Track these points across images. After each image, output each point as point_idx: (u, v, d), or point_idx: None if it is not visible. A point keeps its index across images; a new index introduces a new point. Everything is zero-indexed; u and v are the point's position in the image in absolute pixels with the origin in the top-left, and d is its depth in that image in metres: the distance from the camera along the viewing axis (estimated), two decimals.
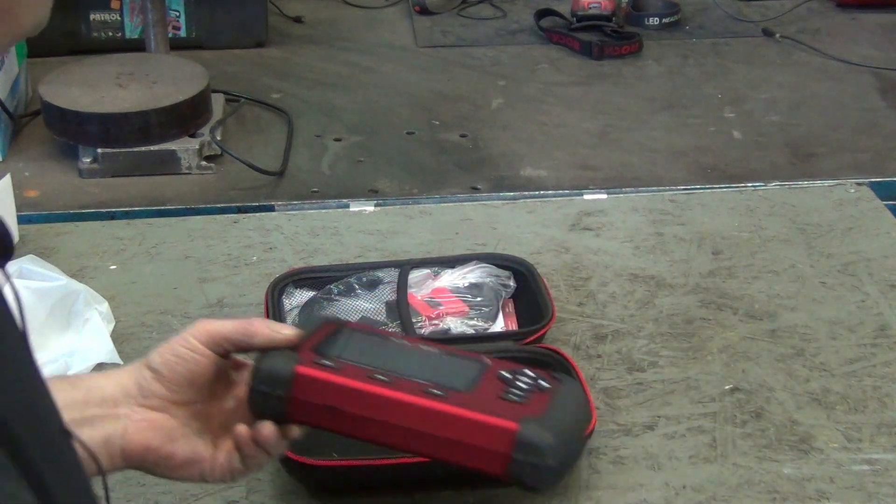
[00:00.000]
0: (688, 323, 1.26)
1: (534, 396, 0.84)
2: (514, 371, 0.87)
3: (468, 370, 0.87)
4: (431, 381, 0.83)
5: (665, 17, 2.29)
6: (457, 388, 0.83)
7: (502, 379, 0.86)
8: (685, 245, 1.41)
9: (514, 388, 0.85)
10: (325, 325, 0.90)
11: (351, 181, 1.72)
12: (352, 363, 0.85)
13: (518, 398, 0.83)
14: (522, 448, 0.79)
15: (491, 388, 0.84)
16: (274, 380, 0.84)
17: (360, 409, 0.82)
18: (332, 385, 0.83)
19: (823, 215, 1.47)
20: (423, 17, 2.34)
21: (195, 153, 1.72)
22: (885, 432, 1.10)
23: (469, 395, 0.83)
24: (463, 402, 0.81)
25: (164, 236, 1.44)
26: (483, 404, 0.82)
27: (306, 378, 0.83)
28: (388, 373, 0.84)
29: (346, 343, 0.88)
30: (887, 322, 1.26)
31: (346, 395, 0.82)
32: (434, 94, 2.02)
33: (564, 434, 0.82)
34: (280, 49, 2.20)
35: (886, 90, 2.02)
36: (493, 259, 1.29)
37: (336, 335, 0.89)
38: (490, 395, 0.83)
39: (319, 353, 0.85)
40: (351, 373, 0.83)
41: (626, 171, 1.75)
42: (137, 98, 1.73)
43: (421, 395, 0.82)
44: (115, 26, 2.11)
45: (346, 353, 0.86)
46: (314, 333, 0.88)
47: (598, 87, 2.05)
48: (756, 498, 1.02)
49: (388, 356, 0.87)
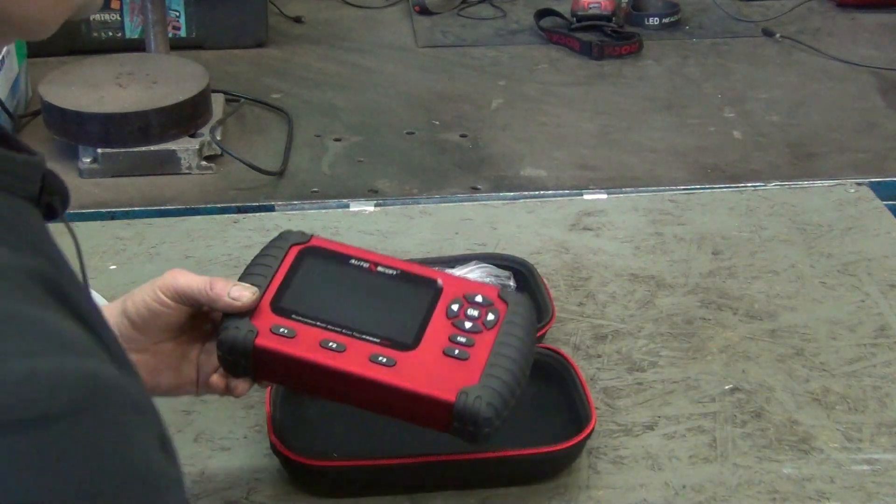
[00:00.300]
0: (688, 323, 1.26)
1: (478, 340, 0.92)
2: (464, 300, 0.95)
3: (419, 307, 0.94)
4: (381, 339, 0.91)
5: (665, 17, 2.29)
6: (405, 345, 0.91)
7: (451, 316, 0.94)
8: (685, 245, 1.41)
9: (460, 330, 0.93)
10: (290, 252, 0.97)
11: (351, 181, 1.72)
12: (308, 323, 0.92)
13: (460, 352, 0.91)
14: (460, 418, 0.89)
15: (437, 339, 0.92)
16: (235, 351, 0.91)
17: (315, 379, 0.91)
18: (288, 358, 0.91)
19: (823, 215, 1.48)
20: (423, 17, 2.34)
21: (195, 153, 1.72)
22: (885, 432, 1.10)
23: (415, 357, 0.91)
24: (407, 372, 0.90)
25: (164, 236, 1.44)
26: (426, 369, 0.90)
27: (264, 350, 0.91)
28: (341, 331, 0.91)
29: (307, 286, 0.95)
30: (887, 322, 1.26)
31: (300, 366, 0.91)
32: (434, 94, 2.02)
33: (502, 394, 0.90)
34: (280, 49, 2.20)
35: (886, 90, 2.02)
36: (493, 259, 1.29)
37: (297, 269, 0.96)
38: (434, 352, 0.91)
39: (278, 313, 0.92)
40: (305, 341, 0.91)
41: (625, 171, 1.75)
42: (137, 98, 1.73)
43: (368, 367, 0.90)
44: (115, 26, 2.11)
45: (303, 306, 0.93)
46: (277, 271, 0.95)
47: (598, 87, 2.05)
48: (756, 498, 1.02)
49: (344, 301, 0.94)
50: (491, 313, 0.95)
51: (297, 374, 0.92)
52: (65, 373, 0.49)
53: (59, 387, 0.49)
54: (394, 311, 0.95)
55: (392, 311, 0.95)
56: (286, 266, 0.96)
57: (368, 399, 0.92)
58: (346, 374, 0.90)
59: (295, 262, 0.97)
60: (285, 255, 0.97)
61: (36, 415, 0.47)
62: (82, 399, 0.49)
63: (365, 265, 0.97)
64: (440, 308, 0.95)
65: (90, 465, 0.48)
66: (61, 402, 0.48)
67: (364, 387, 0.90)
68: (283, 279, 0.95)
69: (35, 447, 0.47)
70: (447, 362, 0.91)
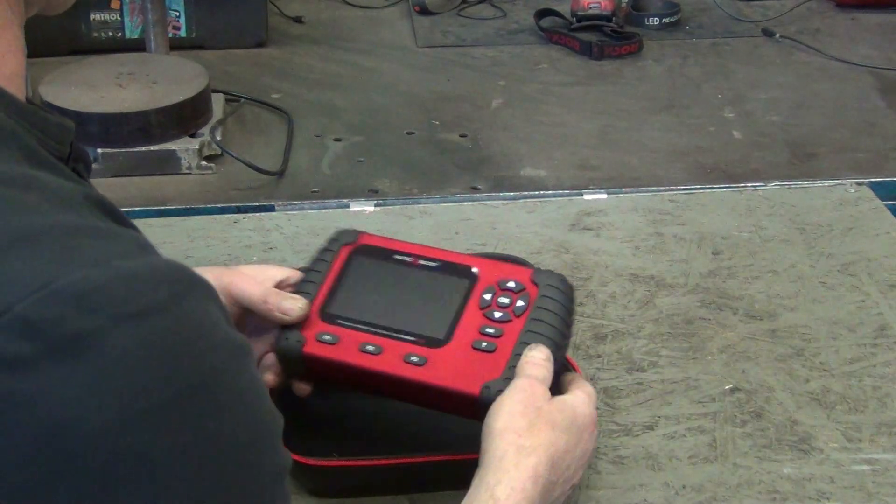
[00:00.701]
0: (688, 323, 1.26)
1: (506, 330, 0.97)
2: (496, 287, 1.01)
3: (454, 300, 1.00)
4: (416, 337, 0.98)
5: (665, 17, 2.29)
6: (437, 340, 0.98)
7: (483, 306, 1.00)
8: (685, 245, 1.41)
9: (490, 320, 0.98)
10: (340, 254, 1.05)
11: (351, 181, 1.72)
12: (350, 327, 1.00)
13: (488, 344, 0.97)
14: (484, 408, 0.92)
15: (467, 332, 0.98)
16: (288, 359, 1.01)
17: (358, 380, 1.00)
18: (333, 362, 0.99)
19: (823, 215, 1.47)
20: (423, 17, 2.34)
21: (195, 153, 1.72)
22: (885, 432, 1.10)
23: (445, 352, 0.97)
24: (437, 368, 0.96)
25: (164, 236, 1.44)
26: (454, 364, 0.96)
27: (311, 357, 1.00)
28: (379, 333, 0.99)
29: (352, 289, 1.03)
30: (887, 322, 1.26)
31: (344, 369, 0.99)
32: (434, 94, 2.02)
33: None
34: (280, 49, 2.20)
35: (886, 90, 2.02)
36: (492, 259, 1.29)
37: (345, 272, 1.04)
38: (464, 347, 0.97)
39: (325, 320, 1.01)
40: (346, 346, 0.99)
41: (625, 171, 1.75)
42: (137, 98, 1.73)
43: (402, 367, 0.97)
44: (115, 26, 2.11)
45: (347, 310, 1.01)
46: (327, 276, 1.03)
47: (598, 87, 2.06)
48: (756, 498, 1.02)
49: (384, 300, 1.02)
50: (521, 300, 0.99)
51: (343, 375, 1.00)
52: (159, 268, 0.57)
53: (159, 281, 0.57)
54: (430, 306, 1.01)
55: (428, 305, 1.01)
56: (335, 270, 1.04)
57: (407, 395, 0.99)
58: (382, 374, 0.97)
59: (344, 265, 1.05)
60: (335, 257, 1.05)
61: (143, 307, 0.55)
62: (180, 290, 0.57)
63: (408, 259, 1.05)
64: (473, 298, 1.01)
65: (195, 348, 0.57)
66: (163, 294, 0.56)
67: (399, 385, 0.98)
68: (331, 284, 1.03)
69: (146, 336, 0.54)
70: (475, 356, 0.97)
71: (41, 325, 0.53)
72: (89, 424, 0.53)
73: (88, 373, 0.53)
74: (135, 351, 0.54)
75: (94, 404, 0.53)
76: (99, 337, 0.53)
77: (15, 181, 0.59)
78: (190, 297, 0.58)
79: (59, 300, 0.53)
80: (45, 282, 0.54)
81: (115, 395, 0.54)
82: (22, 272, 0.54)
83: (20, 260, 0.54)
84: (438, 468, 1.02)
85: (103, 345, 0.53)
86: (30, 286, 0.53)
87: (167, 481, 0.55)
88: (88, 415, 0.53)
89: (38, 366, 0.53)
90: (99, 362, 0.53)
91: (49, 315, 0.53)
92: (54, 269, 0.54)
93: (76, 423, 0.53)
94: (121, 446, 0.54)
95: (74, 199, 0.60)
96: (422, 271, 1.04)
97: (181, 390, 0.55)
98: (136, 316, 0.54)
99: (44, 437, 0.53)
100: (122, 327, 0.54)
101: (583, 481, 1.03)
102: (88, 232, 0.58)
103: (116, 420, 0.54)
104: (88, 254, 0.56)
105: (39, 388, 0.53)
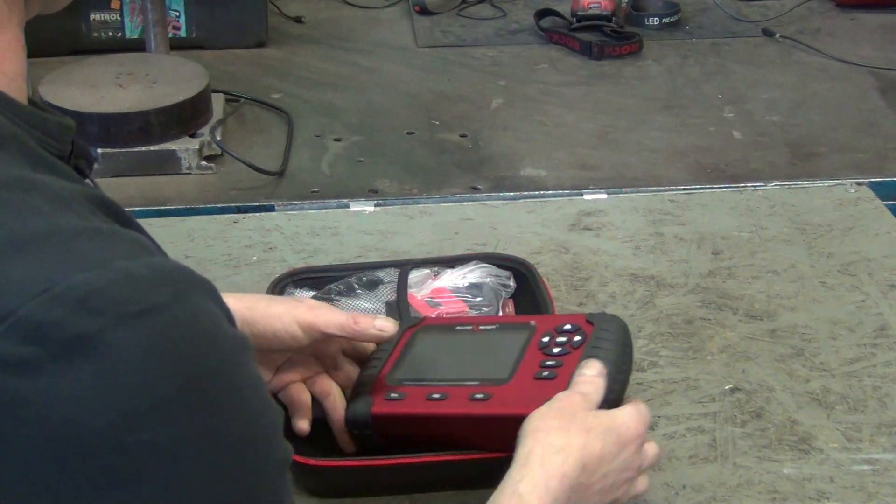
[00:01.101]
0: (688, 323, 1.26)
1: (565, 362, 0.99)
2: (553, 331, 1.03)
3: (514, 347, 1.03)
4: (480, 381, 1.00)
5: (665, 17, 2.29)
6: (500, 379, 1.00)
7: (541, 347, 1.02)
8: (685, 245, 1.41)
9: (549, 356, 1.00)
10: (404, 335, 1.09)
11: (351, 181, 1.72)
12: (415, 385, 1.02)
13: (549, 373, 0.98)
14: None
15: (529, 368, 1.00)
16: (359, 423, 1.02)
17: (427, 428, 1.01)
18: (400, 416, 1.01)
19: (823, 215, 1.47)
20: (423, 17, 2.34)
21: (195, 153, 1.72)
22: (885, 432, 1.10)
23: (508, 388, 0.99)
24: (500, 401, 0.98)
25: (164, 236, 1.43)
26: (517, 395, 0.97)
27: (380, 416, 1.01)
28: (443, 383, 1.02)
29: (416, 356, 1.06)
30: (887, 322, 1.26)
31: (412, 421, 1.01)
32: (434, 94, 2.02)
33: None
34: (280, 49, 2.20)
35: (886, 90, 2.02)
36: (493, 259, 1.29)
37: (409, 346, 1.07)
38: (526, 379, 0.99)
39: (390, 384, 1.03)
40: (413, 400, 1.01)
41: (625, 171, 1.75)
42: (137, 98, 1.73)
43: (467, 405, 0.98)
44: (115, 26, 2.11)
45: (412, 373, 1.04)
46: (392, 352, 1.06)
47: (598, 87, 2.05)
48: (756, 498, 1.02)
49: (449, 358, 1.06)
50: (578, 335, 1.01)
51: (410, 428, 1.01)
52: (160, 268, 0.58)
53: (160, 280, 0.57)
54: (491, 356, 1.04)
55: (490, 356, 1.04)
56: (400, 346, 1.07)
57: (473, 434, 0.99)
58: (449, 416, 0.99)
59: (408, 341, 1.08)
60: (399, 337, 1.08)
61: (145, 306, 0.56)
62: (181, 289, 0.58)
63: (468, 328, 1.09)
64: (533, 344, 1.03)
65: (197, 345, 0.58)
66: (165, 293, 0.57)
67: (466, 424, 0.99)
68: (396, 357, 1.06)
69: (148, 335, 0.55)
70: (536, 384, 0.98)
71: (45, 328, 0.54)
72: (95, 422, 0.54)
73: (92, 373, 0.54)
74: (137, 349, 0.55)
75: (99, 403, 0.54)
76: (102, 337, 0.54)
77: (16, 184, 0.59)
78: (191, 296, 0.59)
79: (61, 303, 0.54)
80: (48, 285, 0.54)
81: (120, 393, 0.55)
82: (24, 276, 0.55)
83: (22, 264, 0.55)
84: (439, 468, 1.02)
85: (106, 345, 0.54)
86: (32, 290, 0.54)
87: (173, 475, 0.57)
88: (94, 413, 0.54)
89: (43, 368, 0.54)
90: (102, 362, 0.54)
91: (52, 318, 0.54)
92: (56, 272, 0.55)
93: (82, 422, 0.54)
94: (126, 443, 0.55)
95: (76, 199, 0.61)
96: (482, 333, 1.08)
97: (183, 386, 0.56)
98: (137, 315, 0.55)
99: (51, 437, 0.54)
100: (125, 327, 0.55)
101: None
102: (90, 234, 0.58)
103: (121, 417, 0.55)
104: (90, 255, 0.57)
105: (45, 389, 0.54)
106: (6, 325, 0.54)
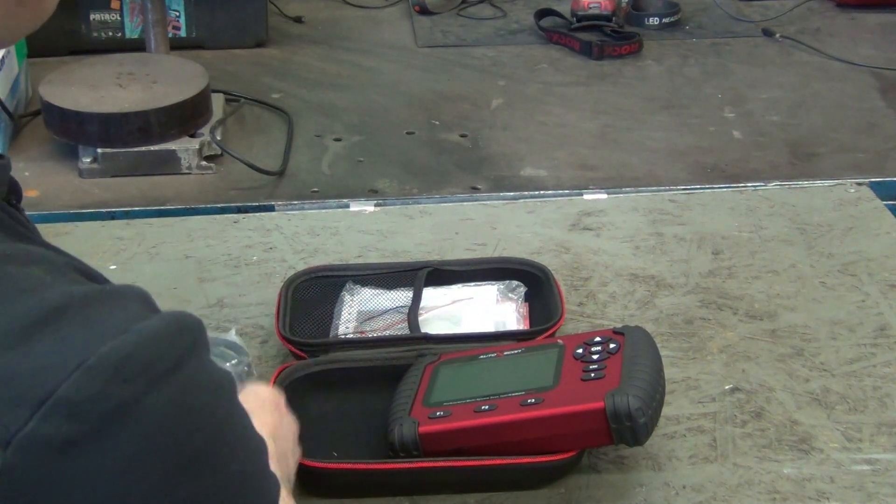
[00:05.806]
0: (688, 323, 1.26)
1: (608, 364, 1.02)
2: (584, 344, 1.06)
3: (549, 362, 1.05)
4: (525, 390, 1.02)
5: (665, 17, 2.29)
6: (546, 386, 1.02)
7: (578, 357, 1.04)
8: (685, 245, 1.41)
9: (590, 363, 1.03)
10: (426, 370, 1.10)
11: (351, 181, 1.72)
12: (458, 402, 1.03)
13: (596, 374, 1.01)
14: (615, 418, 0.96)
15: (572, 374, 1.02)
16: (407, 444, 1.02)
17: (477, 439, 1.01)
18: (450, 432, 1.01)
19: (823, 215, 1.47)
20: (423, 17, 2.34)
21: (195, 153, 1.72)
22: (885, 432, 1.10)
23: (558, 391, 1.01)
24: (557, 401, 0.99)
25: (164, 236, 1.44)
26: (571, 394, 1.00)
27: (429, 434, 1.02)
28: (489, 398, 1.02)
29: (447, 383, 1.07)
30: (887, 322, 1.26)
31: (463, 434, 1.01)
32: (434, 94, 2.02)
33: (644, 388, 0.98)
34: (280, 49, 2.20)
35: (886, 90, 2.02)
36: (509, 263, 1.31)
37: (436, 376, 1.09)
38: (574, 382, 1.01)
39: (430, 406, 1.04)
40: (461, 415, 1.02)
41: (625, 171, 1.75)
42: (137, 98, 1.73)
43: (521, 411, 1.00)
44: (115, 26, 2.11)
45: (450, 394, 1.05)
46: (420, 383, 1.08)
47: (598, 87, 2.05)
48: (756, 498, 1.02)
49: (483, 380, 1.06)
50: (612, 343, 1.05)
51: (460, 443, 1.01)
52: (170, 322, 0.58)
53: (174, 335, 0.58)
54: (529, 371, 1.06)
55: (527, 371, 1.06)
56: (426, 377, 1.09)
57: (528, 437, 1.00)
58: (504, 423, 1.00)
59: (433, 373, 1.10)
60: (423, 371, 1.10)
61: (169, 364, 0.57)
62: (190, 340, 0.59)
63: (492, 355, 1.10)
64: (568, 357, 1.06)
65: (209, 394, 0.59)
66: (180, 348, 0.58)
67: (526, 429, 1.00)
68: (426, 386, 1.08)
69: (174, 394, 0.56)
70: (588, 384, 1.01)
71: (85, 405, 0.54)
72: (140, 489, 0.55)
73: (134, 441, 0.55)
74: (169, 408, 0.56)
75: (142, 469, 0.55)
76: (138, 404, 0.55)
77: (15, 257, 0.60)
78: (196, 346, 0.60)
79: (97, 376, 0.54)
80: (79, 360, 0.54)
81: (161, 454, 0.56)
82: (52, 354, 0.55)
83: (48, 341, 0.55)
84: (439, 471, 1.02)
85: (144, 410, 0.55)
86: (66, 367, 0.54)
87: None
88: (138, 481, 0.55)
89: (88, 445, 0.54)
90: (142, 428, 0.55)
91: (91, 392, 0.54)
92: (83, 345, 0.55)
93: (128, 491, 0.55)
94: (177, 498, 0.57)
95: (62, 265, 0.62)
96: (509, 357, 1.09)
97: (207, 437, 0.58)
98: (164, 375, 0.56)
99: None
100: (156, 389, 0.56)
101: (583, 481, 1.03)
102: (97, 297, 0.58)
103: (162, 479, 0.56)
104: (108, 322, 0.57)
105: (91, 466, 0.54)
106: (48, 406, 0.53)
